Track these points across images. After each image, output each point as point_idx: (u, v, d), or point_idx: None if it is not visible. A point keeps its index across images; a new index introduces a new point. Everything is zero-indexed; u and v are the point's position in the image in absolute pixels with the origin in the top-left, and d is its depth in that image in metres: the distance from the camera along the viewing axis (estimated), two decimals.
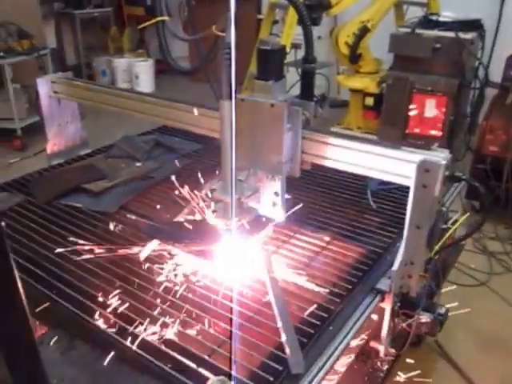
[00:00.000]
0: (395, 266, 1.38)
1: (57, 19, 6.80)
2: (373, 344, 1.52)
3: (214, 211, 1.56)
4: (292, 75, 3.04)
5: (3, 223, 0.63)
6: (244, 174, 1.51)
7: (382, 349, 1.52)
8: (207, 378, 1.12)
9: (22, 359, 0.70)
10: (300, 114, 1.43)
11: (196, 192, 1.71)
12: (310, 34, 1.59)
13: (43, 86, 2.19)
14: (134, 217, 1.84)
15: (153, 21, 1.82)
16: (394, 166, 1.37)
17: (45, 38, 5.73)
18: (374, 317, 1.46)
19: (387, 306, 1.44)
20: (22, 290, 0.67)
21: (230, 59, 1.26)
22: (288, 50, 3.42)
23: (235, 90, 1.27)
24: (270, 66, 1.43)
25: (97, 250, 1.58)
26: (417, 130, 3.94)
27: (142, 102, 1.93)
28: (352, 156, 1.44)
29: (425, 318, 1.49)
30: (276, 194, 1.50)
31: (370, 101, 4.40)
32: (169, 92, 6.56)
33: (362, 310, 1.39)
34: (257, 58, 1.45)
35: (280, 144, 1.42)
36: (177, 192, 1.76)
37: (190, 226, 1.64)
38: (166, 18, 1.82)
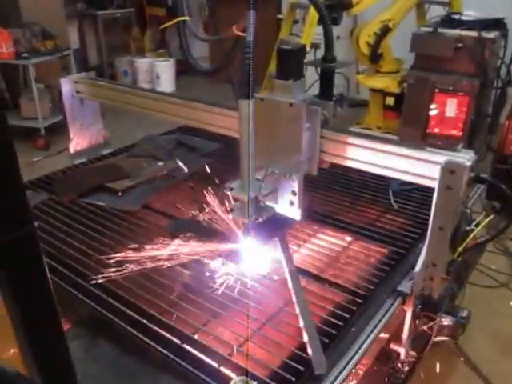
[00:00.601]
0: (417, 268, 1.37)
1: (80, 20, 6.89)
2: (393, 346, 1.51)
3: (231, 210, 1.57)
4: (311, 74, 3.03)
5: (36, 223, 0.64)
6: (262, 173, 1.52)
7: (402, 351, 1.50)
8: (229, 378, 1.13)
9: (53, 358, 0.72)
10: (319, 113, 1.43)
11: (216, 190, 1.72)
12: (330, 33, 1.58)
13: (66, 85, 2.23)
14: (156, 215, 1.86)
15: (174, 21, 1.84)
16: (418, 166, 1.35)
17: (68, 39, 5.80)
18: (396, 319, 1.45)
19: (408, 308, 1.43)
20: (53, 291, 0.68)
21: (249, 58, 1.26)
22: (308, 49, 3.41)
23: (254, 90, 1.27)
24: (289, 66, 1.42)
25: (120, 248, 1.60)
26: (437, 130, 3.89)
27: (164, 102, 1.94)
28: (373, 156, 1.43)
29: (447, 320, 1.47)
30: (293, 193, 1.49)
31: (390, 100, 4.35)
32: (189, 92, 6.58)
33: (383, 311, 1.38)
34: (277, 58, 1.45)
35: (299, 143, 1.42)
36: (198, 191, 1.77)
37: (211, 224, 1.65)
38: (186, 18, 1.83)
